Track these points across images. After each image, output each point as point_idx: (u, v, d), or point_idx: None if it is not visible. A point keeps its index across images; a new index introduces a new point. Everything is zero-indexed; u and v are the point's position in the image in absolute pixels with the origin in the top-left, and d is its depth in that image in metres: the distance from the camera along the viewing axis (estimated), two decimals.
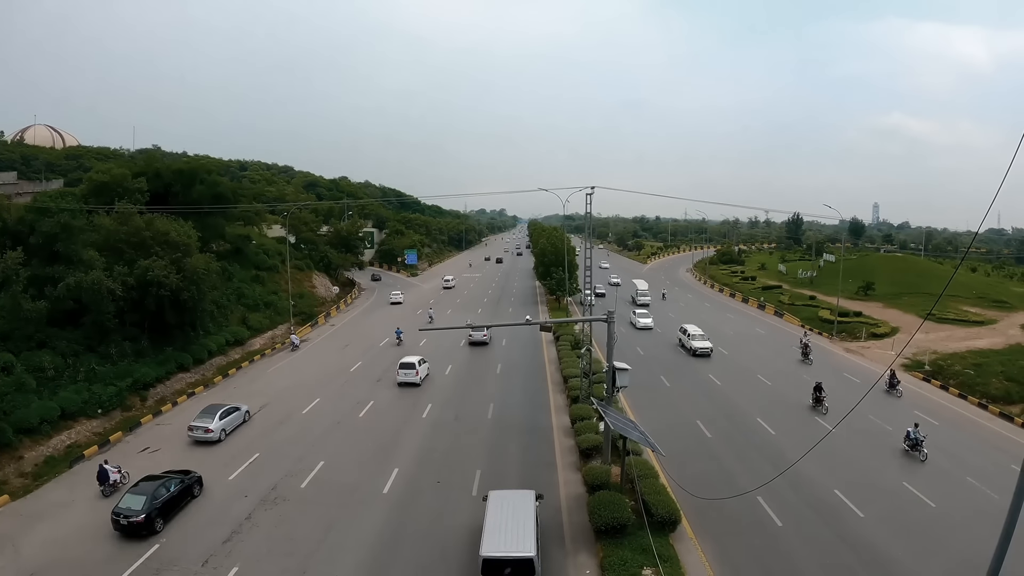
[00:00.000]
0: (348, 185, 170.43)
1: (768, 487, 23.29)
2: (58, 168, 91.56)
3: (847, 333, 57.36)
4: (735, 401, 37.62)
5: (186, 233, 41.83)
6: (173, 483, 23.56)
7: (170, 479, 23.76)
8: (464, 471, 27.28)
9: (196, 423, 30.55)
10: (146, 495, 22.14)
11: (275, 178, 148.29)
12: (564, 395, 37.68)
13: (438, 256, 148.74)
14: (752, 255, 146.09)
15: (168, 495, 22.88)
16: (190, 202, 50.85)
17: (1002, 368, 41.11)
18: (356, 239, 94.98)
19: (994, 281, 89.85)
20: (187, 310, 40.06)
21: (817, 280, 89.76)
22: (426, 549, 21.17)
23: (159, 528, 22.14)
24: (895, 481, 26.45)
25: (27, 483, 26.05)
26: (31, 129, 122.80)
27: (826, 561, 20.55)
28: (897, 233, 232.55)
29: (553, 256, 75.20)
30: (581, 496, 24.54)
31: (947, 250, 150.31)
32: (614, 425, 23.31)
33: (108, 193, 45.23)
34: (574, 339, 47.83)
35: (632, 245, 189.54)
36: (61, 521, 23.06)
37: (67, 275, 34.41)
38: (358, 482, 26.16)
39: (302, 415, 34.85)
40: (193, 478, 24.90)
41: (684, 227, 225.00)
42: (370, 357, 48.15)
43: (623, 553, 19.76)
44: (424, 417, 34.51)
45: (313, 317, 62.74)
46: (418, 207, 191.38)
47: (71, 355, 33.93)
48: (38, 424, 28.90)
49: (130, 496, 22.28)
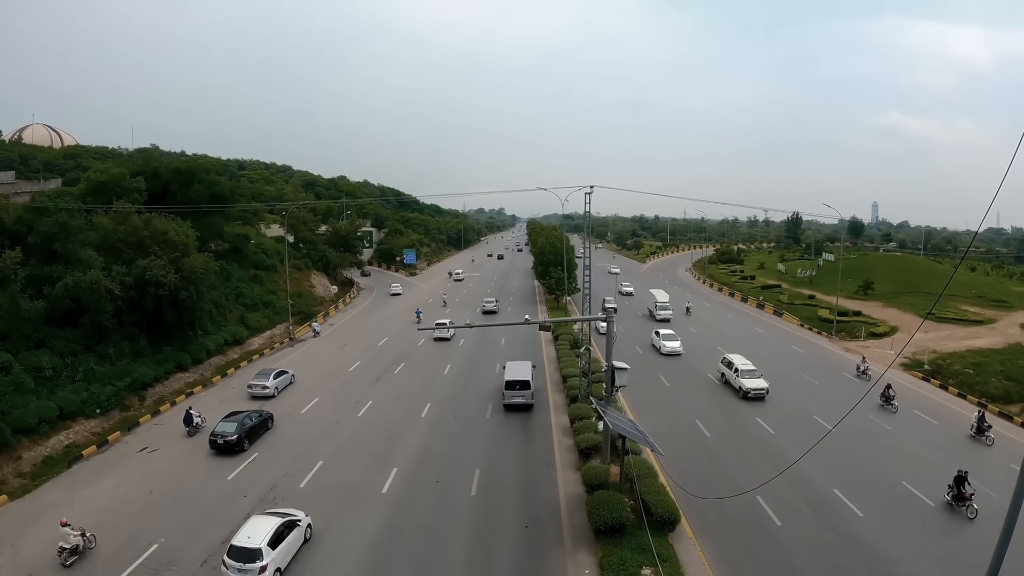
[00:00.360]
0: (347, 184, 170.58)
1: (767, 487, 23.27)
2: (56, 167, 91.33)
3: (846, 332, 57.35)
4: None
5: (184, 232, 41.76)
6: (254, 415, 31.12)
7: (251, 413, 31.37)
8: (463, 470, 27.26)
9: (254, 382, 38.04)
10: (237, 422, 29.51)
11: (274, 177, 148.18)
12: (563, 394, 37.64)
13: (437, 255, 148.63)
14: (751, 254, 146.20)
15: (251, 423, 30.30)
16: (188, 201, 50.77)
17: (1001, 367, 41.14)
18: (355, 238, 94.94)
19: (993, 280, 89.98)
20: (185, 310, 39.99)
21: (816, 279, 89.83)
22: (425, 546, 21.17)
23: (246, 447, 29.35)
24: (894, 478, 26.43)
25: (26, 483, 26.00)
26: (29, 128, 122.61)
27: (826, 562, 20.53)
28: (896, 232, 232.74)
29: (552, 255, 75.17)
30: (580, 496, 24.50)
31: (946, 249, 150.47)
32: (613, 424, 23.27)
33: (106, 192, 45.14)
34: (573, 338, 47.82)
35: (631, 244, 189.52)
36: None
37: (65, 275, 34.33)
38: (358, 482, 26.16)
39: (300, 415, 34.86)
40: (267, 414, 32.48)
41: (683, 226, 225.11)
42: (369, 357, 48.11)
43: (622, 553, 19.72)
44: (423, 417, 34.47)
45: (312, 316, 62.66)
46: (417, 206, 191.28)
47: (69, 355, 33.86)
48: (36, 424, 28.84)
49: (223, 424, 29.40)
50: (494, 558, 20.72)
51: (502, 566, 20.30)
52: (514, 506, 24.21)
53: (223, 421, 29.71)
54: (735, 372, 39.02)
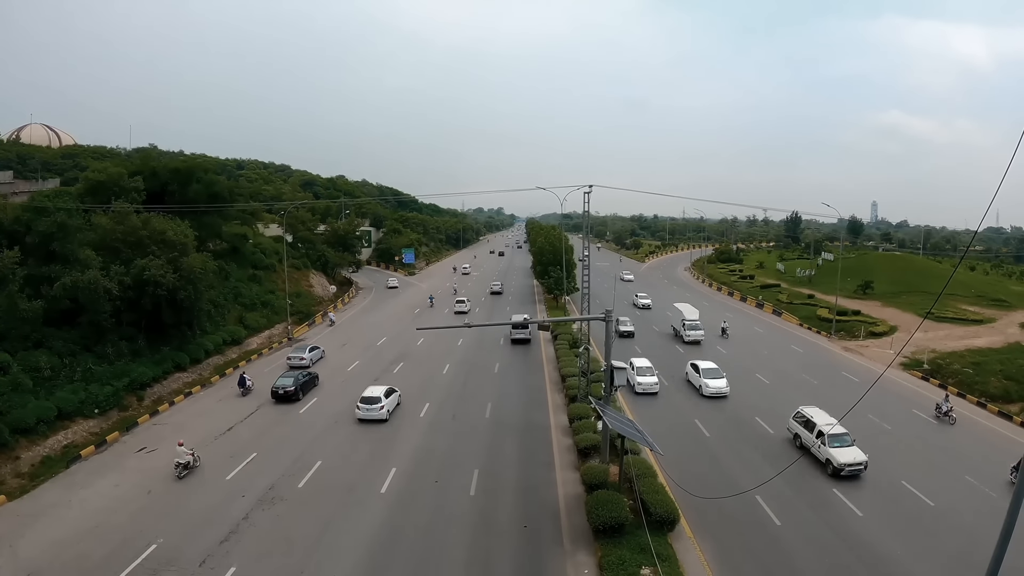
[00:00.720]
0: (345, 184, 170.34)
1: (766, 487, 23.23)
2: (54, 167, 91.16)
3: (845, 332, 57.37)
4: None
5: (183, 232, 41.67)
6: (305, 374, 38.97)
7: (304, 371, 39.49)
8: (462, 470, 27.22)
9: (293, 354, 44.39)
10: (294, 377, 37.47)
11: (272, 177, 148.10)
12: (562, 394, 37.62)
13: (435, 255, 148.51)
14: (750, 254, 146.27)
15: (304, 379, 38.00)
16: (187, 201, 50.68)
17: (1001, 367, 41.09)
18: (353, 238, 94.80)
19: (993, 280, 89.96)
20: (184, 309, 39.89)
21: (815, 279, 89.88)
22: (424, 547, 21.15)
23: (300, 397, 36.86)
24: (893, 478, 26.44)
25: (24, 484, 25.92)
26: (27, 128, 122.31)
27: (825, 562, 20.51)
28: (896, 232, 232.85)
29: (551, 255, 75.09)
30: (579, 495, 24.46)
31: (945, 248, 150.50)
32: (612, 424, 23.23)
33: (104, 192, 45.03)
34: (572, 338, 47.78)
35: (630, 244, 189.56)
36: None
37: (64, 274, 34.27)
38: (355, 481, 26.11)
39: (299, 414, 34.86)
40: (315, 373, 40.44)
41: (682, 226, 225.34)
42: (368, 357, 48.05)
43: (621, 552, 19.67)
44: (422, 416, 34.44)
45: (310, 316, 62.60)
46: (415, 206, 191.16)
47: (68, 355, 33.79)
48: (35, 424, 28.77)
49: (282, 379, 37.46)
50: (493, 558, 20.67)
51: (501, 566, 20.25)
52: (513, 506, 24.17)
53: (281, 377, 37.88)
54: (817, 436, 28.06)
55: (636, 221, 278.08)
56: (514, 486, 25.87)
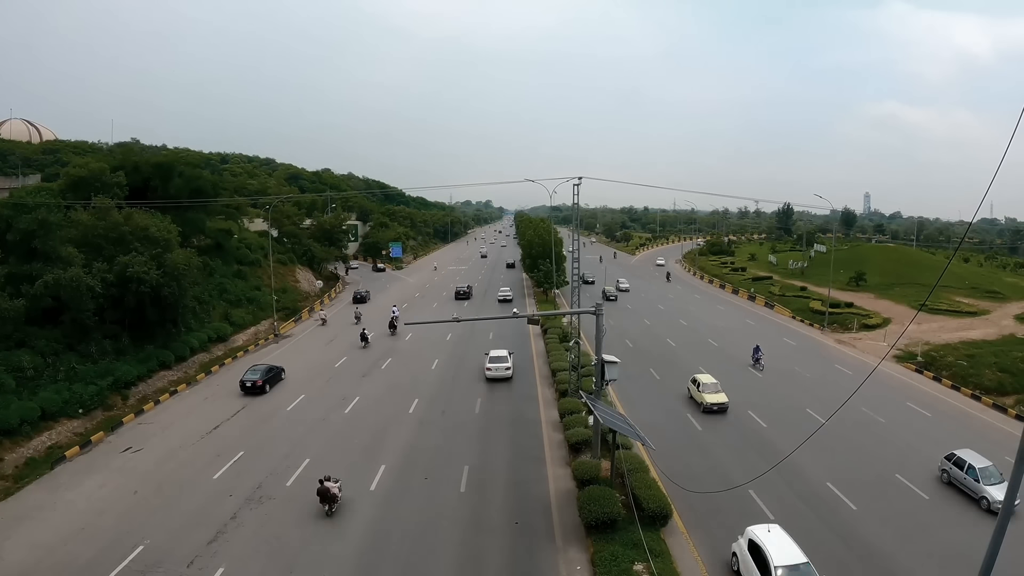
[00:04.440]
0: (331, 177, 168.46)
1: (760, 480, 23.19)
2: (35, 163, 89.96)
3: (838, 324, 57.45)
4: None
5: (166, 228, 41.00)
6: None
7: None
8: (452, 467, 27.01)
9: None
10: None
11: (257, 171, 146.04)
12: (552, 389, 37.43)
13: (424, 249, 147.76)
14: (742, 246, 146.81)
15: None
16: (170, 196, 49.89)
17: (995, 359, 40.95)
18: (339, 232, 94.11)
19: (987, 271, 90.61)
20: (168, 307, 39.23)
21: (808, 271, 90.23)
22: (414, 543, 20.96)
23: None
24: (887, 472, 26.48)
25: (8, 486, 25.42)
26: (7, 123, 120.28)
27: (819, 556, 20.47)
28: (889, 223, 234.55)
29: (540, 248, 74.74)
30: (571, 491, 24.31)
31: (939, 240, 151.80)
32: (603, 419, 23.11)
33: (86, 188, 44.05)
34: (562, 332, 47.57)
35: (620, 236, 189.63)
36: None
37: (45, 272, 33.56)
38: (344, 479, 25.76)
39: (287, 412, 34.51)
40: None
41: (673, 218, 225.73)
42: (356, 353, 47.65)
43: (614, 548, 19.59)
44: (411, 413, 34.16)
45: (297, 312, 62.01)
46: (403, 199, 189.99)
47: (51, 354, 33.22)
48: (18, 425, 28.28)
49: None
50: (484, 555, 20.50)
51: (493, 563, 20.08)
52: (504, 502, 24.00)
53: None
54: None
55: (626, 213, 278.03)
56: (505, 482, 25.68)
